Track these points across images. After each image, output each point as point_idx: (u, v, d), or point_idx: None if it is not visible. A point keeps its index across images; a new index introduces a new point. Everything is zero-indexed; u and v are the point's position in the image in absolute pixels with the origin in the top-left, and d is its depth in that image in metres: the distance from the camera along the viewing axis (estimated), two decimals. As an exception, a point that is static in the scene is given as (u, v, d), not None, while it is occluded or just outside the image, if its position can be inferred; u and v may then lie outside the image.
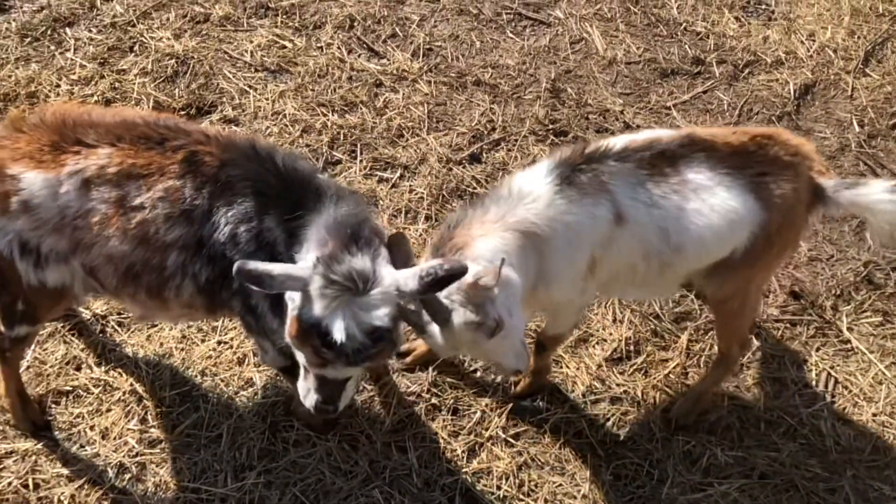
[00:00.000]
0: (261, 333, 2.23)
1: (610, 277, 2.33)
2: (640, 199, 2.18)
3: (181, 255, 2.09)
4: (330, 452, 2.55)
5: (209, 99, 3.59)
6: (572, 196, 2.13)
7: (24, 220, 2.06)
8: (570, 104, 3.76)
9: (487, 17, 4.15)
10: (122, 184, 2.04)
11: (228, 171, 2.06)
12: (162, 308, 2.24)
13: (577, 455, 2.64)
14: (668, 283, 2.41)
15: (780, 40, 4.11)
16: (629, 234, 2.19)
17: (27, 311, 2.28)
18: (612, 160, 2.19)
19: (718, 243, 2.25)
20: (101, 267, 2.12)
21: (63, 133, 2.07)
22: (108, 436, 2.54)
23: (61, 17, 3.87)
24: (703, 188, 2.19)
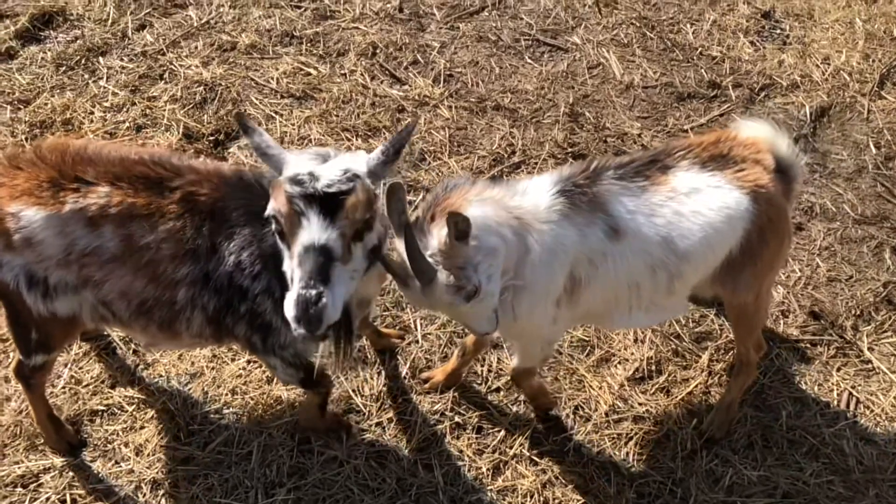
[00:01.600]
0: (268, 352, 2.27)
1: (607, 301, 2.30)
2: (638, 210, 2.20)
3: (190, 290, 2.15)
4: (358, 470, 2.60)
5: (237, 125, 3.69)
6: (566, 211, 2.16)
7: (28, 255, 2.08)
8: (589, 128, 3.83)
9: (506, 43, 4.24)
10: (126, 224, 2.07)
11: (223, 206, 2.12)
12: (172, 339, 2.28)
13: (600, 474, 2.67)
14: (678, 298, 2.41)
15: (796, 64, 4.17)
16: (628, 248, 2.20)
17: (41, 340, 2.31)
18: (609, 174, 2.24)
19: (720, 241, 2.29)
20: (114, 301, 2.16)
21: (62, 170, 2.07)
22: (143, 452, 2.60)
23: (94, 47, 4.00)
24: (695, 190, 2.25)
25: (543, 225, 2.13)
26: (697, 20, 4.42)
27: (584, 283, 2.22)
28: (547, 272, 2.15)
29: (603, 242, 2.18)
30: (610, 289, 2.27)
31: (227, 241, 2.12)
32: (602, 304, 2.32)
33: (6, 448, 2.60)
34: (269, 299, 2.16)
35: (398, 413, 2.76)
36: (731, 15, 4.45)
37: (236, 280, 2.13)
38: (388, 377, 2.87)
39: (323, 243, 1.78)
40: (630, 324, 2.47)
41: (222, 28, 4.17)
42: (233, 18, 4.22)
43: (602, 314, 2.39)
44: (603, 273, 2.22)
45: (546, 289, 2.18)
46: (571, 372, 2.92)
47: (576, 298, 2.25)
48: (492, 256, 2.00)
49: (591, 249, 2.18)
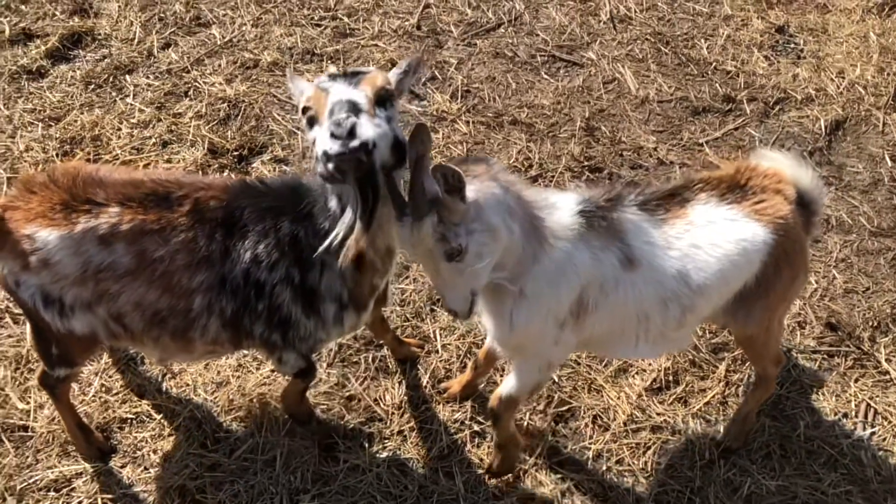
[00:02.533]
0: (286, 346, 2.33)
1: (613, 330, 2.28)
2: (655, 241, 2.19)
3: (206, 297, 2.21)
4: (380, 477, 2.65)
5: (260, 140, 3.78)
6: (583, 233, 2.14)
7: (44, 275, 2.15)
8: (605, 142, 3.88)
9: (522, 59, 4.32)
10: (138, 239, 2.14)
11: (232, 210, 2.19)
12: (185, 349, 2.33)
13: (619, 482, 2.70)
14: (686, 331, 2.40)
15: (810, 78, 4.21)
16: (641, 279, 2.18)
17: (61, 354, 2.38)
18: (630, 201, 2.22)
19: (737, 274, 2.27)
20: (127, 313, 2.22)
21: (73, 192, 2.15)
22: (171, 459, 2.67)
23: (121, 66, 4.11)
24: (712, 223, 2.23)
25: (559, 242, 2.11)
26: (712, 35, 4.47)
27: (591, 308, 2.20)
28: (552, 289, 2.13)
29: (616, 270, 2.16)
30: (618, 318, 2.24)
31: (240, 240, 2.20)
32: (607, 332, 2.30)
33: (40, 454, 2.68)
34: (288, 287, 2.22)
35: (419, 422, 2.81)
36: (745, 30, 4.50)
37: (253, 276, 2.20)
38: (408, 387, 2.92)
39: (348, 97, 1.89)
40: (634, 354, 2.42)
41: (245, 46, 4.27)
42: (255, 37, 4.33)
43: (605, 342, 2.37)
44: (613, 301, 2.20)
45: (549, 305, 2.16)
46: (590, 382, 2.96)
47: (581, 323, 2.22)
48: (490, 235, 1.95)
49: (603, 275, 2.16)
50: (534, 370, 2.37)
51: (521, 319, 2.16)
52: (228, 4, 4.51)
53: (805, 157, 3.86)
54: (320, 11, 4.50)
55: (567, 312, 2.19)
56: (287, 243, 2.18)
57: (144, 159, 3.67)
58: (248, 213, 2.20)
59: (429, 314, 3.14)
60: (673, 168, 3.78)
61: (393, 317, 3.10)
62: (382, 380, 2.93)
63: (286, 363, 2.43)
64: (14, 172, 3.56)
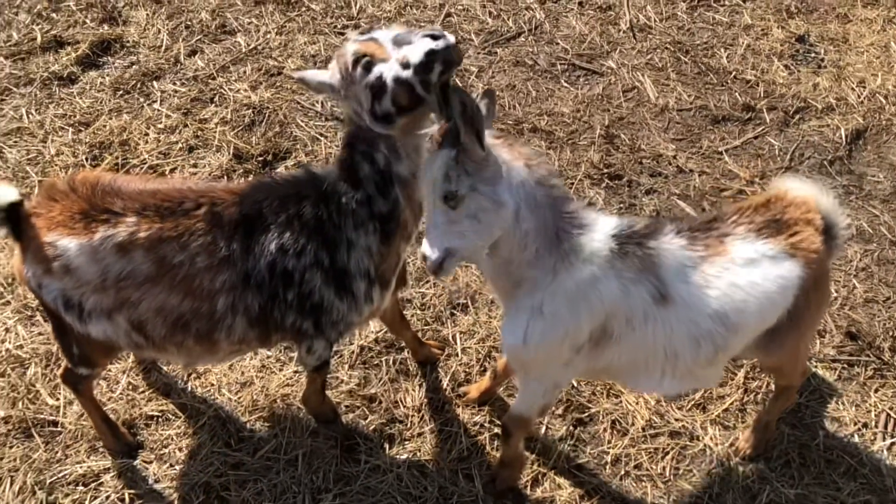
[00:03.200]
0: (317, 334, 2.36)
1: (636, 363, 2.23)
2: (692, 279, 2.13)
3: (230, 297, 2.24)
4: (401, 478, 2.68)
5: (284, 146, 3.85)
6: (614, 261, 2.09)
7: (66, 281, 2.20)
8: (624, 149, 3.91)
9: (542, 67, 4.36)
10: (156, 247, 2.19)
11: (249, 208, 2.24)
12: (209, 352, 2.37)
13: (637, 487, 2.72)
14: (717, 369, 2.35)
15: (831, 87, 4.22)
16: (674, 316, 2.13)
17: (82, 355, 2.43)
18: (669, 235, 2.18)
19: (773, 311, 2.24)
20: (149, 320, 2.25)
21: (92, 202, 2.21)
22: (196, 457, 2.72)
23: (149, 72, 4.20)
24: (751, 261, 2.18)
25: (585, 263, 2.07)
26: (731, 45, 4.49)
27: (615, 339, 2.15)
28: (572, 312, 2.09)
29: (647, 304, 2.11)
30: (643, 352, 2.19)
31: (262, 234, 2.23)
32: (630, 365, 2.25)
33: (68, 449, 2.74)
34: (318, 271, 2.25)
35: (439, 424, 2.85)
36: (764, 39, 4.51)
37: (279, 266, 2.23)
38: (429, 389, 2.96)
39: (403, 31, 2.05)
40: (658, 389, 2.35)
41: (269, 54, 4.35)
42: (279, 44, 4.41)
43: (627, 374, 2.31)
44: (640, 335, 2.15)
45: (566, 328, 2.11)
46: (608, 387, 2.98)
47: (599, 352, 2.18)
48: (494, 205, 1.92)
49: (631, 307, 2.11)
50: (538, 391, 2.35)
51: (536, 337, 2.13)
52: (253, 13, 4.59)
53: (825, 164, 3.87)
54: (343, 20, 4.58)
55: (586, 338, 2.15)
56: (312, 227, 2.23)
57: (171, 164, 3.75)
58: (267, 206, 2.25)
59: (449, 318, 3.18)
60: (692, 176, 3.80)
61: (413, 320, 3.14)
62: (403, 382, 2.97)
63: (314, 352, 2.46)
64: (45, 176, 3.65)
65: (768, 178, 3.82)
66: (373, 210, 2.22)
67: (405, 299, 3.23)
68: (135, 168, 3.70)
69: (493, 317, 3.17)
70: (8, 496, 2.62)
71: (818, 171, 3.86)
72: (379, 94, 2.01)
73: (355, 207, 2.21)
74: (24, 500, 2.62)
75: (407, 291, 3.25)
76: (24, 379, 2.91)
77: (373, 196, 2.21)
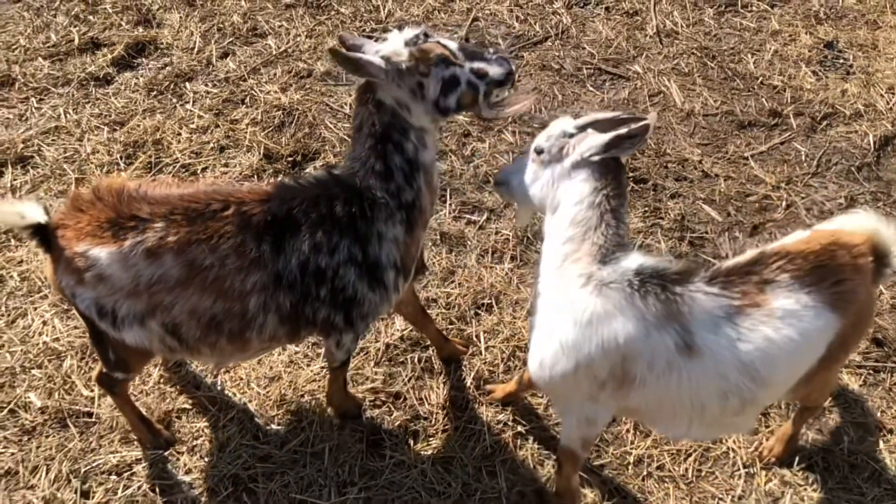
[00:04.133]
0: (346, 328, 2.44)
1: (663, 410, 2.17)
2: (722, 332, 2.04)
3: (261, 297, 2.29)
4: (425, 474, 2.72)
5: (313, 147, 3.92)
6: (637, 303, 2.04)
7: (99, 289, 2.24)
8: (650, 153, 3.93)
9: (569, 72, 4.39)
10: (185, 250, 2.21)
11: (278, 209, 2.29)
12: (241, 350, 2.42)
13: (659, 488, 2.74)
14: (747, 420, 2.27)
15: (859, 93, 4.20)
16: (700, 368, 2.05)
17: (118, 360, 2.48)
18: (699, 284, 2.08)
19: (805, 364, 2.18)
20: (183, 323, 2.29)
21: (118, 210, 2.24)
22: (225, 449, 2.78)
23: (182, 74, 4.29)
24: (790, 314, 2.07)
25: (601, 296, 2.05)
26: (759, 50, 4.49)
27: (638, 383, 2.09)
28: (582, 344, 2.06)
29: (671, 353, 2.04)
30: (669, 401, 2.12)
31: (293, 235, 2.29)
32: (655, 410, 2.19)
33: (102, 439, 2.81)
34: (352, 267, 2.33)
35: (463, 421, 2.89)
36: (792, 45, 4.51)
37: (312, 265, 2.29)
38: (453, 387, 2.99)
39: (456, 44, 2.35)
40: (686, 436, 2.31)
41: (299, 56, 4.43)
42: (309, 47, 4.48)
43: (655, 419, 2.29)
44: (664, 383, 2.08)
45: (577, 360, 2.08)
46: (631, 389, 2.99)
47: (625, 393, 2.13)
48: (559, 178, 2.20)
49: (652, 353, 2.05)
50: (573, 423, 2.33)
51: (549, 363, 2.14)
52: (284, 16, 4.67)
53: (852, 171, 3.85)
54: (371, 24, 4.64)
55: (607, 374, 2.10)
56: (345, 224, 2.30)
57: (202, 163, 3.83)
58: (298, 207, 2.30)
59: (473, 317, 3.22)
60: (717, 181, 3.80)
61: (438, 319, 3.19)
62: (427, 380, 3.01)
63: (343, 346, 2.53)
64: (82, 173, 3.75)
65: (794, 183, 3.82)
66: (401, 200, 2.34)
67: (430, 298, 3.27)
68: (167, 167, 3.79)
69: (518, 317, 3.20)
70: (44, 484, 2.70)
71: (845, 177, 3.85)
72: (448, 90, 2.23)
73: (387, 200, 2.32)
74: (59, 487, 2.69)
75: (433, 291, 3.29)
76: (60, 371, 2.99)
77: (401, 186, 2.33)
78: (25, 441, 2.81)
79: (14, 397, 2.91)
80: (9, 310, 3.19)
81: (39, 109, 4.07)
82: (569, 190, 2.17)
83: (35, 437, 2.82)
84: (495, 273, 3.36)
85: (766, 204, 3.73)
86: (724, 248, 3.52)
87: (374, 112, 2.28)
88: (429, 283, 3.33)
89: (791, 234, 2.37)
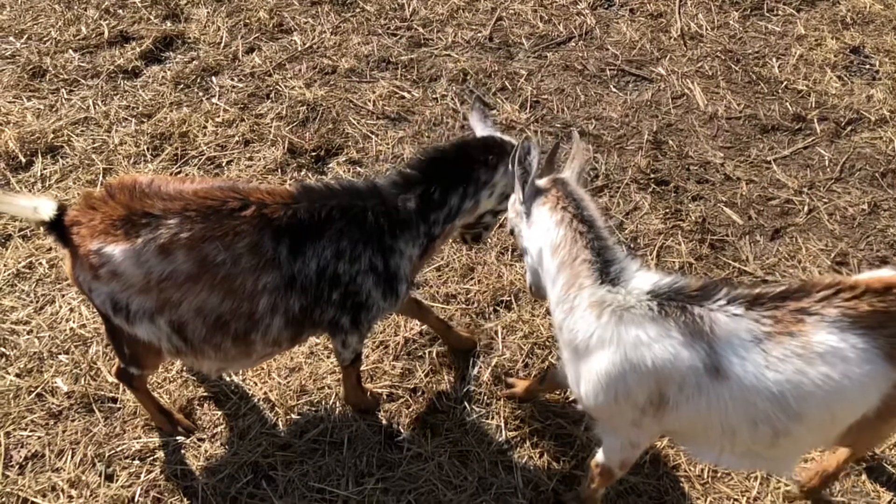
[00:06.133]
0: (352, 329, 2.51)
1: (695, 433, 2.14)
2: (750, 358, 1.96)
3: (271, 298, 2.31)
4: (441, 467, 2.75)
5: (336, 142, 3.96)
6: (661, 322, 2.01)
7: (113, 285, 2.26)
8: (672, 155, 3.93)
9: (592, 72, 4.40)
10: (198, 246, 2.21)
11: (302, 213, 2.31)
12: (245, 354, 2.42)
13: (675, 487, 2.74)
14: (785, 455, 2.15)
15: (885, 99, 4.17)
16: (728, 392, 1.98)
17: (132, 356, 2.50)
18: (722, 301, 2.02)
19: (848, 412, 2.04)
20: (189, 321, 2.29)
21: (131, 207, 2.24)
22: (245, 437, 2.82)
23: (208, 68, 4.35)
24: (832, 352, 1.94)
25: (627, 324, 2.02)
26: (783, 55, 4.47)
27: (672, 405, 2.05)
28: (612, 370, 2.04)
29: (700, 375, 1.99)
30: (700, 423, 2.07)
31: (315, 240, 2.31)
32: (689, 433, 2.16)
33: (126, 424, 2.87)
34: (371, 275, 2.41)
35: (480, 417, 2.91)
36: (818, 50, 4.48)
37: (330, 271, 2.34)
38: (470, 382, 3.02)
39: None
40: (719, 462, 2.25)
41: (324, 53, 4.47)
42: (334, 44, 4.53)
43: (689, 442, 2.25)
44: (694, 406, 2.02)
45: (614, 388, 2.05)
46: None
47: (661, 416, 2.09)
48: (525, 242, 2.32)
49: (683, 375, 1.99)
50: (616, 446, 2.31)
51: (590, 393, 2.13)
52: (309, 13, 4.72)
53: (876, 177, 3.83)
54: (396, 21, 4.68)
55: (645, 400, 2.06)
56: (370, 237, 2.36)
57: (227, 157, 3.88)
58: (323, 211, 2.33)
59: (493, 313, 3.24)
60: (739, 184, 3.80)
61: (458, 315, 3.22)
62: (445, 374, 3.04)
63: (349, 346, 2.58)
64: (109, 164, 3.82)
65: (817, 188, 3.81)
66: (430, 230, 2.50)
67: (450, 294, 3.30)
68: (193, 159, 3.85)
69: (536, 315, 3.22)
70: (69, 467, 2.75)
71: (868, 183, 3.83)
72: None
73: (420, 227, 2.47)
74: (84, 471, 2.75)
75: (452, 287, 3.32)
76: (86, 357, 3.05)
77: (437, 221, 2.49)
78: (52, 425, 2.87)
79: (41, 382, 2.97)
80: (37, 296, 3.26)
81: (69, 101, 4.14)
82: (533, 229, 2.26)
83: (61, 422, 2.88)
84: (515, 271, 3.38)
85: (788, 208, 3.72)
86: (744, 252, 3.52)
87: (475, 167, 2.50)
88: (448, 279, 3.36)
89: (872, 271, 2.24)
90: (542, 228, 2.22)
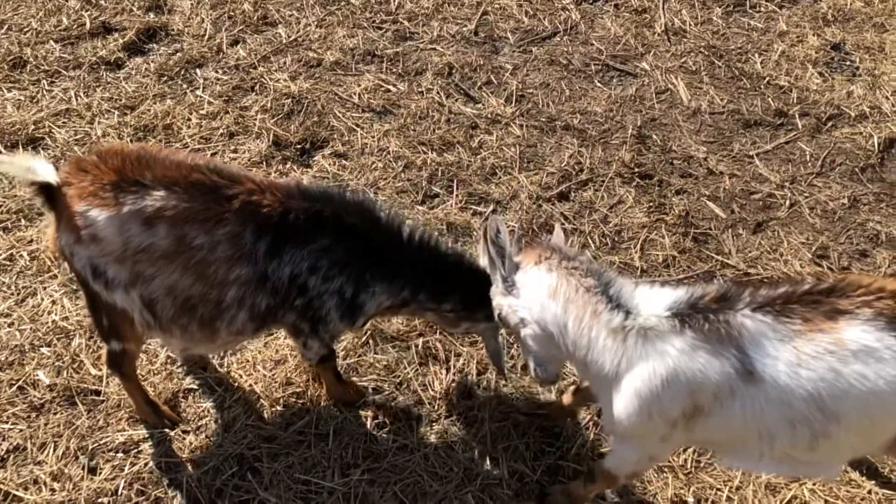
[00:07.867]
0: (311, 334, 2.51)
1: (731, 440, 2.12)
2: (780, 356, 1.95)
3: (240, 290, 2.31)
4: (427, 458, 2.76)
5: (321, 135, 3.95)
6: (689, 337, 2.00)
7: (93, 249, 2.25)
8: (656, 150, 3.96)
9: (577, 67, 4.42)
10: (180, 225, 2.21)
11: (291, 215, 2.29)
12: (209, 339, 2.43)
13: (658, 477, 2.77)
14: (825, 458, 2.11)
15: (865, 95, 4.23)
16: (763, 395, 1.97)
17: (111, 326, 2.47)
18: (744, 304, 2.01)
19: (888, 416, 2.00)
20: (159, 299, 2.29)
21: (122, 173, 2.23)
22: (230, 429, 2.81)
23: (193, 60, 4.32)
24: (866, 351, 1.91)
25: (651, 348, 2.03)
26: (766, 50, 4.52)
27: (706, 413, 2.04)
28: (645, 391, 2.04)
29: (732, 379, 1.98)
30: (736, 430, 2.06)
31: (298, 247, 2.30)
32: (725, 440, 2.16)
33: (110, 417, 2.85)
34: (336, 298, 2.40)
35: (466, 408, 2.92)
36: (799, 46, 4.53)
37: (301, 280, 2.33)
38: (456, 374, 3.03)
39: None
40: (756, 469, 2.24)
41: (309, 45, 4.45)
42: (319, 37, 4.51)
43: (725, 450, 2.23)
44: (729, 411, 2.01)
45: (648, 408, 2.05)
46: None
47: (693, 425, 2.08)
48: (517, 327, 2.29)
49: (716, 383, 1.98)
50: (632, 458, 2.31)
51: (622, 416, 2.12)
52: (294, 5, 4.70)
53: (856, 172, 3.89)
54: (382, 15, 4.67)
55: (679, 414, 2.06)
56: (348, 263, 2.37)
57: (212, 149, 3.86)
58: (311, 222, 2.31)
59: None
60: (722, 178, 3.84)
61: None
62: (431, 366, 3.05)
63: (310, 349, 2.59)
64: (92, 156, 3.78)
65: (798, 182, 3.85)
66: (409, 300, 2.52)
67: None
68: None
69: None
70: (51, 460, 2.73)
71: (849, 178, 3.88)
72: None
73: (403, 292, 2.49)
74: (66, 464, 2.73)
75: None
76: (69, 349, 3.03)
77: (419, 300, 2.52)
78: (34, 418, 2.85)
79: (23, 375, 2.95)
80: (18, 289, 3.22)
81: (50, 92, 4.10)
82: (524, 292, 2.23)
83: (43, 414, 2.86)
84: (500, 264, 3.39)
85: (770, 202, 3.76)
86: (727, 245, 3.56)
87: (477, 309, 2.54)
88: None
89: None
90: (534, 284, 2.20)
